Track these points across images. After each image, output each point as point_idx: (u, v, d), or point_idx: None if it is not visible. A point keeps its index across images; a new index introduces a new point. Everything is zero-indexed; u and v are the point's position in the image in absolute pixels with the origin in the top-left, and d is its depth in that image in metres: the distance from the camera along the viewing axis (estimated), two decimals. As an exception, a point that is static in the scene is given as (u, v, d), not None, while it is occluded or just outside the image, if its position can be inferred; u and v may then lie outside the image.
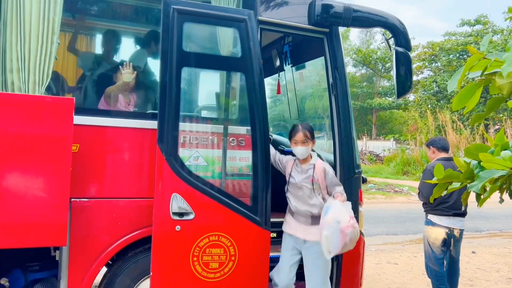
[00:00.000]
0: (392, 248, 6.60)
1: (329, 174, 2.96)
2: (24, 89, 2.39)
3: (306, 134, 2.92)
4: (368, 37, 36.00)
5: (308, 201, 2.94)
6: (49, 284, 2.87)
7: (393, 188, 13.56)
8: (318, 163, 2.97)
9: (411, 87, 3.15)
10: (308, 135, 2.93)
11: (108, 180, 2.63)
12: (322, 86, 4.15)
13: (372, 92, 32.10)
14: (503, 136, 1.46)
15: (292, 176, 3.00)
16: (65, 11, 2.60)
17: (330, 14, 3.03)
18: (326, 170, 2.95)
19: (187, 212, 2.61)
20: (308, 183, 2.93)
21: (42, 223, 2.26)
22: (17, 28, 2.36)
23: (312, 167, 2.96)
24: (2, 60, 2.37)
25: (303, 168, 2.99)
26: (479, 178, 1.43)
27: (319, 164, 2.98)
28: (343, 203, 2.80)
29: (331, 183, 2.95)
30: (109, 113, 2.82)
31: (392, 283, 4.85)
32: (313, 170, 2.94)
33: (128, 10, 3.26)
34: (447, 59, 22.83)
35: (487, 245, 7.08)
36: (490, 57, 1.24)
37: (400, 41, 3.13)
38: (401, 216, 9.35)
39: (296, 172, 3.00)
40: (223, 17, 2.74)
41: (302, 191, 2.95)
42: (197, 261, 2.63)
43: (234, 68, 2.86)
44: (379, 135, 30.60)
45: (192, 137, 2.68)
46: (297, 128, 2.95)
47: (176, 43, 2.59)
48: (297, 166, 3.02)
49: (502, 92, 1.25)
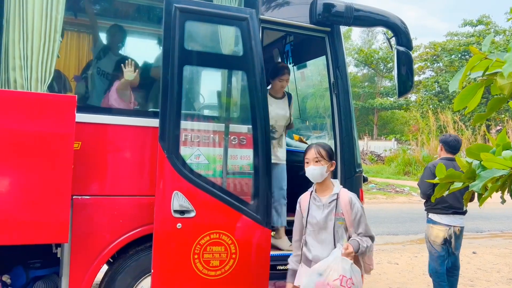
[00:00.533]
0: (393, 248, 6.60)
1: (355, 206, 2.40)
2: (27, 86, 2.40)
3: (320, 151, 2.43)
4: (370, 37, 35.95)
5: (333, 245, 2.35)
6: (50, 281, 2.88)
7: (394, 188, 13.55)
8: (343, 192, 2.44)
9: (412, 87, 3.15)
10: (322, 153, 2.43)
11: (109, 178, 2.64)
12: (324, 85, 4.15)
13: (373, 92, 32.06)
14: (505, 136, 1.46)
15: (310, 214, 2.43)
16: (67, 10, 2.61)
17: (331, 13, 3.03)
18: (353, 201, 2.41)
19: (188, 210, 2.61)
20: (332, 219, 2.38)
21: (44, 220, 2.27)
22: (20, 26, 2.37)
23: (335, 197, 2.42)
24: (5, 57, 2.38)
25: (323, 202, 2.43)
26: (480, 177, 1.43)
27: (344, 193, 2.44)
28: (345, 256, 2.24)
29: (355, 219, 2.38)
30: (111, 110, 2.83)
31: (393, 283, 4.85)
32: (336, 202, 2.40)
33: (131, 8, 3.27)
34: (449, 59, 22.79)
35: (488, 245, 7.08)
36: (491, 57, 1.25)
37: (402, 41, 3.13)
38: (402, 216, 9.35)
39: (315, 207, 2.44)
40: (224, 15, 2.74)
41: (327, 233, 2.38)
42: (198, 259, 2.64)
43: (236, 66, 2.86)
44: (381, 135, 30.57)
45: (193, 135, 2.68)
46: (310, 146, 2.52)
47: (178, 42, 2.60)
48: (316, 200, 2.46)
49: (503, 92, 1.26)
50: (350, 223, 2.38)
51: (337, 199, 2.40)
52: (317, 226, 2.41)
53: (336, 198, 2.41)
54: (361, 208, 2.42)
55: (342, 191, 2.45)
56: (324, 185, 2.46)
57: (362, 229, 2.39)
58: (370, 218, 8.21)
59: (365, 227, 2.40)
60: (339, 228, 2.38)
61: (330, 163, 2.45)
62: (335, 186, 2.47)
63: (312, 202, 2.46)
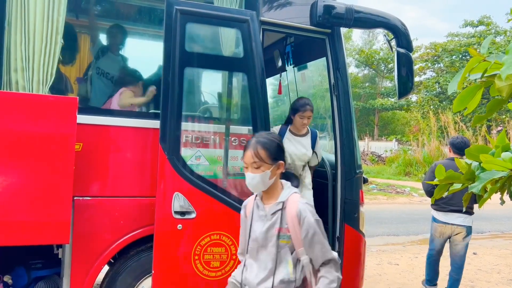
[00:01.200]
0: (393, 249, 6.60)
1: (306, 221, 1.77)
2: (28, 88, 2.41)
3: (258, 153, 1.80)
4: (371, 37, 35.95)
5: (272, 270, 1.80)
6: (51, 281, 2.89)
7: (395, 189, 13.54)
8: (292, 201, 1.82)
9: (412, 88, 3.16)
10: (261, 154, 1.80)
11: (110, 179, 2.65)
12: (324, 86, 4.16)
13: (374, 92, 32.05)
14: (505, 137, 1.47)
15: (252, 226, 1.88)
16: (69, 11, 2.62)
17: (332, 15, 3.04)
18: (302, 214, 1.77)
19: (189, 211, 2.62)
20: (274, 236, 1.81)
21: (45, 221, 2.28)
22: (22, 28, 2.39)
23: (280, 207, 1.83)
24: (7, 59, 2.39)
25: (266, 212, 1.85)
26: (479, 179, 1.44)
27: (293, 203, 1.81)
28: None
29: (306, 238, 1.76)
30: (112, 112, 2.84)
31: (393, 283, 4.85)
32: (280, 213, 1.81)
33: (132, 10, 3.28)
34: (450, 60, 22.77)
35: (489, 246, 7.07)
36: (490, 59, 1.25)
37: (402, 42, 3.14)
38: (403, 217, 9.35)
39: (257, 218, 1.88)
40: (225, 17, 2.75)
41: (266, 252, 1.82)
42: (198, 260, 2.65)
43: (236, 68, 2.87)
44: (381, 136, 30.56)
45: (194, 137, 2.69)
46: (247, 145, 1.86)
47: (178, 44, 2.61)
48: (259, 208, 1.89)
49: (501, 94, 1.27)
50: (299, 242, 1.78)
51: (282, 210, 1.82)
52: (256, 243, 1.85)
53: (281, 209, 1.82)
54: (315, 223, 1.78)
55: (291, 200, 1.83)
56: (271, 191, 1.87)
57: (317, 252, 1.77)
58: (370, 219, 8.19)
59: (321, 249, 1.78)
60: (282, 248, 1.80)
61: (275, 165, 1.83)
62: (283, 191, 1.87)
63: (255, 210, 1.90)
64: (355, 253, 3.22)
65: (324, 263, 1.79)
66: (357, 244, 3.22)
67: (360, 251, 3.27)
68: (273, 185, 1.87)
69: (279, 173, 1.88)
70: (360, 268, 3.31)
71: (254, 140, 1.85)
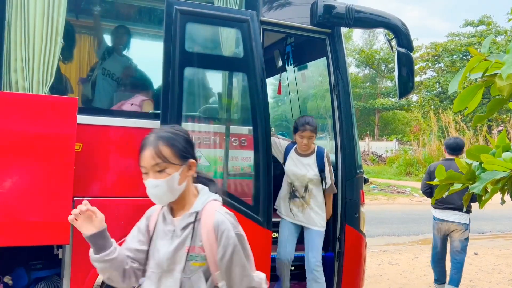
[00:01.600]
0: (394, 249, 6.59)
1: (224, 235, 1.38)
2: (28, 88, 2.41)
3: (160, 152, 1.38)
4: (371, 37, 35.94)
5: None
6: (52, 282, 2.88)
7: (396, 189, 13.53)
8: (209, 211, 1.42)
9: (413, 88, 3.15)
10: (165, 153, 1.38)
11: (110, 179, 2.65)
12: (324, 86, 4.16)
13: (375, 92, 32.04)
14: (505, 137, 1.46)
15: (154, 244, 1.48)
16: (69, 12, 2.62)
17: (332, 14, 3.04)
18: (220, 228, 1.38)
19: (189, 212, 2.62)
20: (183, 257, 1.41)
21: (46, 221, 2.27)
22: (21, 28, 2.39)
23: (193, 219, 1.42)
24: (7, 59, 2.39)
25: (176, 226, 1.44)
26: (480, 179, 1.43)
27: (210, 213, 1.42)
28: None
29: (224, 258, 1.39)
30: (112, 112, 2.84)
31: (394, 284, 4.85)
32: (193, 227, 1.41)
33: (132, 10, 3.28)
34: (450, 59, 22.75)
35: (489, 246, 7.06)
36: (490, 58, 1.25)
37: (402, 42, 3.14)
38: (403, 217, 9.34)
39: (162, 234, 1.46)
40: (225, 17, 2.75)
41: (172, 280, 1.41)
42: (198, 261, 2.64)
43: (237, 68, 2.86)
44: (382, 136, 30.54)
45: (194, 137, 2.69)
46: (144, 143, 1.45)
47: (178, 44, 2.61)
48: (165, 220, 1.47)
49: (502, 93, 1.26)
50: (216, 265, 1.40)
51: (195, 223, 1.40)
52: (159, 268, 1.43)
53: (194, 221, 1.40)
54: (236, 239, 1.38)
55: (208, 209, 1.43)
56: (182, 199, 1.45)
57: (236, 278, 1.40)
58: (371, 219, 8.20)
59: (241, 273, 1.41)
60: (193, 273, 1.40)
61: (185, 164, 1.42)
62: (198, 199, 1.46)
63: (160, 224, 1.46)
64: (356, 253, 3.22)
65: None
66: (357, 244, 3.22)
67: (361, 251, 3.27)
68: (184, 192, 1.44)
69: (191, 176, 1.47)
70: (360, 269, 3.30)
71: (153, 136, 1.42)
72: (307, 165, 3.21)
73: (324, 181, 3.20)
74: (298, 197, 3.22)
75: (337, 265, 3.18)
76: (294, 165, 3.24)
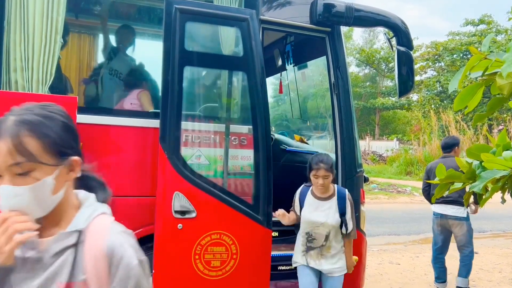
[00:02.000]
0: (395, 248, 6.59)
1: (123, 265, 0.97)
2: (28, 87, 2.41)
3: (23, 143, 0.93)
4: (372, 36, 35.92)
5: None
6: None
7: (396, 189, 13.52)
8: (96, 229, 1.02)
9: (413, 86, 3.15)
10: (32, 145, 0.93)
11: (110, 179, 2.64)
12: (324, 85, 4.15)
13: (375, 92, 32.03)
14: (505, 136, 1.46)
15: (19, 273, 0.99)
16: (69, 11, 2.62)
17: (332, 13, 3.03)
18: (115, 253, 0.98)
19: (189, 211, 2.62)
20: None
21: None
22: (21, 28, 2.38)
23: (74, 242, 0.99)
24: (6, 59, 2.39)
25: (42, 252, 0.98)
26: (480, 178, 1.43)
27: (99, 231, 1.01)
28: None
29: None
30: (112, 111, 2.84)
31: (394, 283, 4.84)
32: (74, 252, 0.99)
33: (132, 10, 3.28)
34: (451, 59, 22.74)
35: (490, 245, 7.05)
36: (491, 57, 1.24)
37: (402, 41, 3.13)
38: (404, 216, 9.33)
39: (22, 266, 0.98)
40: (225, 16, 2.75)
41: None
42: (199, 259, 2.64)
43: (236, 67, 2.86)
44: (382, 135, 30.53)
45: (194, 136, 2.68)
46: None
47: (178, 43, 2.60)
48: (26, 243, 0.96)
49: (502, 92, 1.26)
50: None
51: (75, 247, 1.00)
52: None
53: (75, 244, 1.00)
54: (138, 268, 0.99)
55: (95, 227, 1.03)
56: (55, 214, 1.01)
57: None
58: (371, 218, 8.20)
59: None
60: None
61: (63, 165, 1.01)
62: (80, 212, 1.05)
63: (26, 248, 0.98)
64: (356, 252, 3.22)
65: None
66: (358, 243, 3.22)
67: (361, 251, 3.27)
68: (60, 203, 1.01)
69: (72, 180, 1.05)
70: (361, 268, 3.30)
71: (12, 121, 0.96)
72: (327, 210, 2.83)
73: (345, 226, 2.82)
74: (315, 247, 2.84)
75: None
76: (313, 211, 2.84)
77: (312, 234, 2.84)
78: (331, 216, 2.81)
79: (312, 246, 2.85)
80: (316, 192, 2.89)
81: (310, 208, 2.86)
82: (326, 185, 2.82)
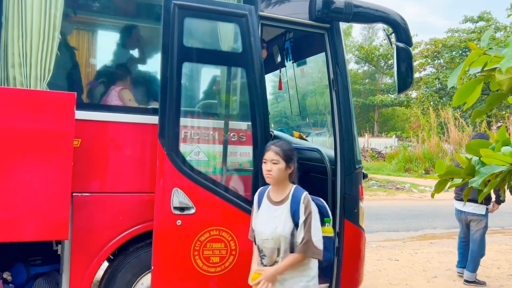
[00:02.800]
0: (393, 245, 6.61)
1: None
2: (26, 84, 2.40)
3: None
4: (371, 33, 35.85)
5: None
6: (51, 278, 2.89)
7: (395, 185, 13.54)
8: None
9: (412, 83, 3.14)
10: None
11: (109, 175, 2.64)
12: (323, 82, 4.14)
13: (374, 89, 31.99)
14: (505, 132, 1.46)
15: None
16: (67, 6, 2.61)
17: (331, 9, 3.02)
18: None
19: (188, 207, 2.62)
20: None
21: (44, 217, 2.27)
22: (19, 23, 2.37)
23: None
24: (4, 55, 2.38)
25: None
26: (479, 173, 1.44)
27: None
28: None
29: None
30: (110, 108, 2.83)
31: (393, 279, 4.86)
32: None
33: (130, 5, 3.26)
34: (450, 56, 22.71)
35: (488, 242, 7.04)
36: (490, 53, 1.24)
37: (401, 37, 3.12)
38: (403, 213, 9.35)
39: None
40: (224, 12, 2.74)
41: None
42: (198, 256, 2.65)
43: (235, 63, 2.85)
44: (381, 132, 30.53)
45: (193, 132, 2.68)
46: None
47: (176, 38, 2.60)
48: None
49: (502, 87, 1.26)
50: None
51: None
52: None
53: None
54: None
55: None
56: None
57: None
58: (370, 215, 8.20)
59: None
60: None
61: None
62: None
63: None
64: (355, 249, 3.22)
65: None
66: (356, 240, 3.22)
67: (360, 247, 3.27)
68: None
69: None
70: (360, 264, 3.31)
71: None
72: (277, 218, 2.21)
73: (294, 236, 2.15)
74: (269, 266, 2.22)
75: (336, 260, 3.18)
76: (261, 219, 2.27)
77: (262, 249, 2.24)
78: (281, 224, 2.17)
79: (265, 263, 2.24)
80: (270, 193, 2.32)
81: (261, 214, 2.29)
82: (275, 174, 2.20)
